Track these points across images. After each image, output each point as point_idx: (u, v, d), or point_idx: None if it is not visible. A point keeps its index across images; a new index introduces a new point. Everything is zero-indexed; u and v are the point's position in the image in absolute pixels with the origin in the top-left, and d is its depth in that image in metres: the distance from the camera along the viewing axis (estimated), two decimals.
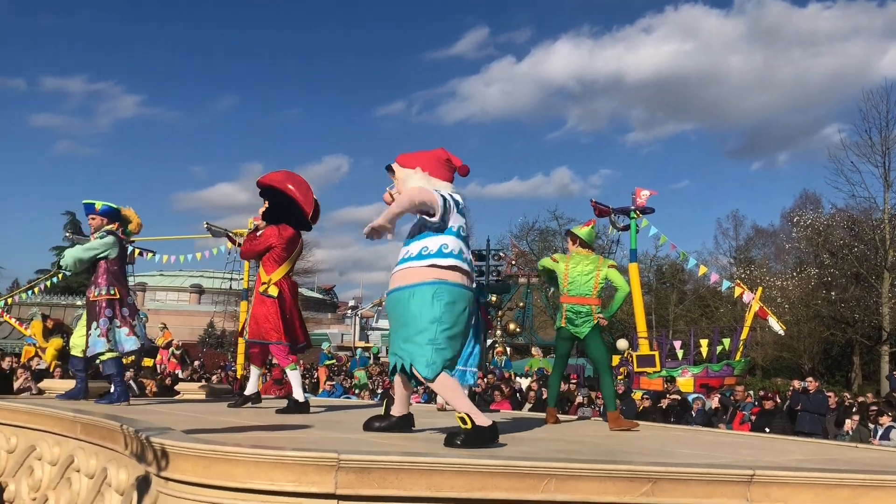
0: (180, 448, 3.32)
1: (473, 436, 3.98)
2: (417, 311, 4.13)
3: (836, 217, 35.61)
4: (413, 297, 4.15)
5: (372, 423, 4.67)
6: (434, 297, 4.12)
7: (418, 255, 4.26)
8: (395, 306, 4.28)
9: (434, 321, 4.10)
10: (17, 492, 5.30)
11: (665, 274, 45.28)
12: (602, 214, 19.15)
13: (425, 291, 4.14)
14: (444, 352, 4.14)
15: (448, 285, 4.18)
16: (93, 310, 6.63)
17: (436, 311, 4.11)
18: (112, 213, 6.91)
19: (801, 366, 35.21)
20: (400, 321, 4.23)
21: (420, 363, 4.10)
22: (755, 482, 3.45)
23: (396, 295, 4.26)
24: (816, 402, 12.20)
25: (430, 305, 4.11)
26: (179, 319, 50.09)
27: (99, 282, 6.66)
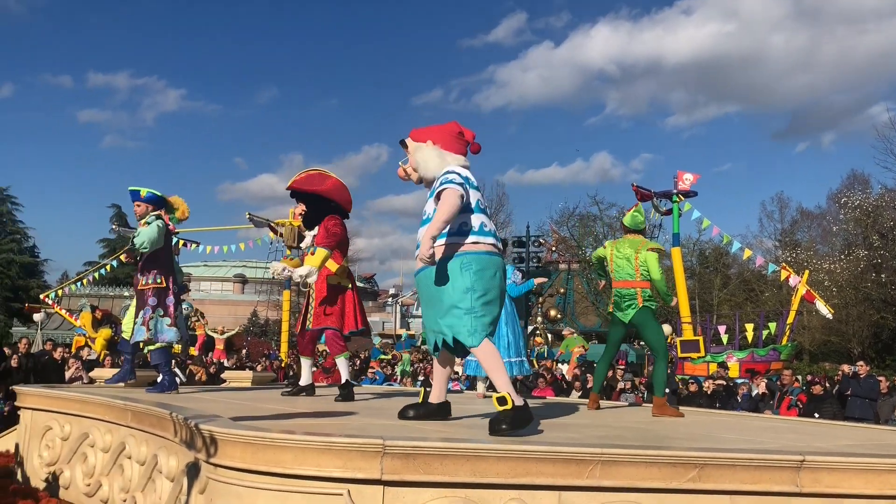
0: (228, 435, 3.37)
1: (516, 416, 3.92)
2: (450, 283, 4.13)
3: (885, 197, 34.74)
4: (441, 272, 4.15)
5: (407, 412, 4.62)
6: (462, 268, 4.12)
7: (443, 235, 4.21)
8: (426, 284, 4.26)
9: (467, 290, 4.10)
10: (72, 478, 5.44)
11: (708, 258, 44.63)
12: (644, 199, 18.95)
13: (453, 264, 4.14)
14: (484, 318, 4.14)
15: (473, 254, 4.17)
16: (140, 298, 6.75)
17: (466, 281, 4.11)
18: (157, 200, 6.92)
19: (850, 350, 34.50)
20: (434, 298, 4.22)
21: (462, 333, 4.09)
22: (805, 468, 3.39)
23: (425, 273, 4.25)
24: (867, 387, 11.93)
25: (459, 276, 4.11)
26: (223, 309, 50.92)
27: (147, 270, 6.76)
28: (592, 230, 43.49)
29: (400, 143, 4.61)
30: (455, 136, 4.51)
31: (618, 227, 42.08)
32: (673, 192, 18.84)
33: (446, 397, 4.73)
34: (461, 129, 4.55)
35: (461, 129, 4.55)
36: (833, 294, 31.89)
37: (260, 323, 46.04)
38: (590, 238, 43.46)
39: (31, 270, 52.18)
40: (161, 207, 6.97)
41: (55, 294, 32.53)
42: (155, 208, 6.91)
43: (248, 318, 47.71)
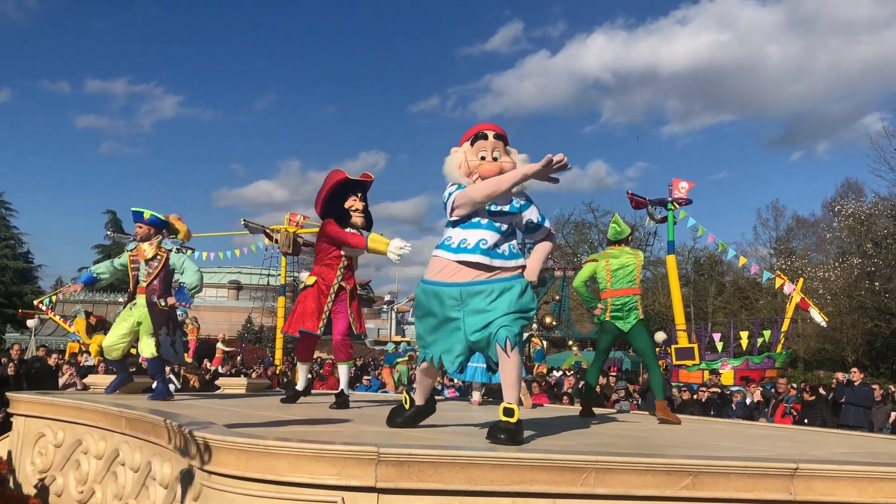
0: (223, 442, 3.36)
1: (517, 431, 3.89)
2: (522, 295, 4.05)
3: (879, 206, 34.87)
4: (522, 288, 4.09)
5: (395, 419, 4.60)
6: (530, 289, 4.15)
7: (511, 254, 4.18)
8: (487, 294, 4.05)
9: (528, 310, 4.09)
10: (65, 485, 5.41)
11: (703, 265, 44.71)
12: (639, 206, 19.03)
13: (523, 283, 4.11)
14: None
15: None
16: (163, 316, 6.85)
17: (530, 300, 4.10)
18: (159, 223, 7.09)
19: (845, 358, 34.55)
20: (495, 307, 4.03)
21: (519, 342, 4.00)
22: (798, 476, 3.40)
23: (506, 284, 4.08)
24: (861, 395, 11.96)
25: (530, 295, 4.12)
26: (218, 315, 50.74)
27: (160, 292, 6.90)
28: (587, 237, 43.58)
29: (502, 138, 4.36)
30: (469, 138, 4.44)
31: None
32: (668, 199, 18.90)
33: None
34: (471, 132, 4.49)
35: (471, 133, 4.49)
36: (827, 302, 31.96)
37: (255, 329, 45.91)
38: (585, 245, 43.54)
39: (25, 276, 51.96)
40: (162, 230, 7.11)
41: (49, 300, 32.44)
42: (157, 231, 7.07)
43: (242, 324, 47.59)
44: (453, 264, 4.09)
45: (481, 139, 4.26)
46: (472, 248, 4.07)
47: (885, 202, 34.33)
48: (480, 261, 4.06)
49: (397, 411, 4.66)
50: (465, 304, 4.06)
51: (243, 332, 45.97)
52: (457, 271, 4.08)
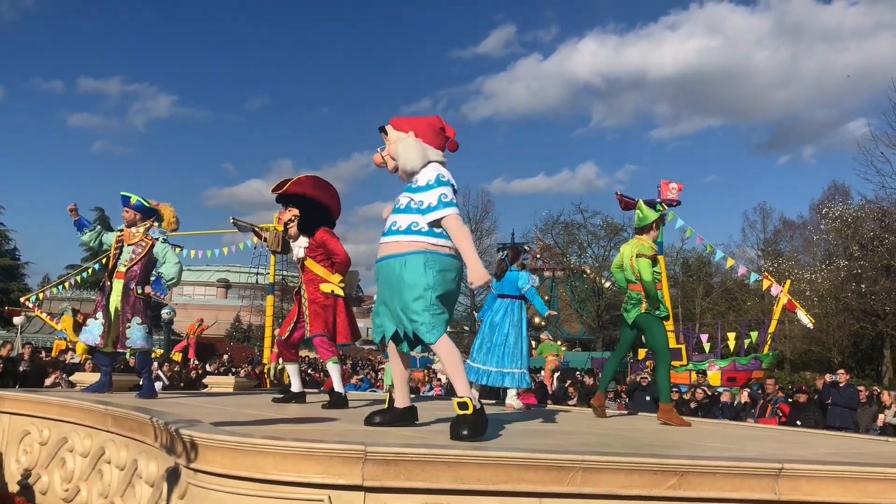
0: (209, 440, 3.35)
1: (477, 422, 3.94)
2: (411, 278, 4.15)
3: (865, 208, 35.12)
4: (405, 266, 4.18)
5: (373, 418, 4.53)
6: (426, 266, 4.16)
7: (407, 229, 4.25)
8: (388, 275, 4.27)
9: (428, 288, 4.14)
10: (50, 483, 5.38)
11: (692, 267, 44.93)
12: (627, 207, 19.06)
13: (417, 260, 4.17)
14: (442, 315, 4.18)
15: (436, 255, 4.20)
16: (137, 304, 6.80)
17: (429, 279, 4.14)
18: (145, 210, 7.04)
19: (831, 359, 34.81)
20: (395, 290, 4.23)
21: (422, 329, 4.13)
22: (783, 476, 3.42)
23: (386, 263, 4.27)
24: (847, 396, 12.05)
25: (423, 274, 4.14)
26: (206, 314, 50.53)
27: (144, 280, 6.88)
28: (577, 238, 43.65)
29: (379, 130, 4.56)
30: (437, 130, 4.49)
31: (602, 236, 42.32)
32: (657, 200, 18.95)
33: (411, 402, 4.67)
34: (443, 124, 4.54)
35: (443, 125, 4.54)
36: (814, 304, 32.16)
37: (243, 328, 45.82)
38: (574, 246, 43.63)
39: (12, 273, 51.63)
40: (149, 217, 7.04)
41: (36, 297, 32.29)
42: (143, 217, 6.99)
43: (231, 322, 47.48)
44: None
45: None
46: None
47: (872, 205, 34.59)
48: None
49: (379, 412, 4.62)
50: None
51: (232, 331, 45.88)
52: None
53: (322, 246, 6.68)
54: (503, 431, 4.90)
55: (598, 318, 40.96)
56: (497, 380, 7.50)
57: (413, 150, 4.35)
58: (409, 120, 4.52)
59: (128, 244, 6.93)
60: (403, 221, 4.29)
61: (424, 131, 4.44)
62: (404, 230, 4.26)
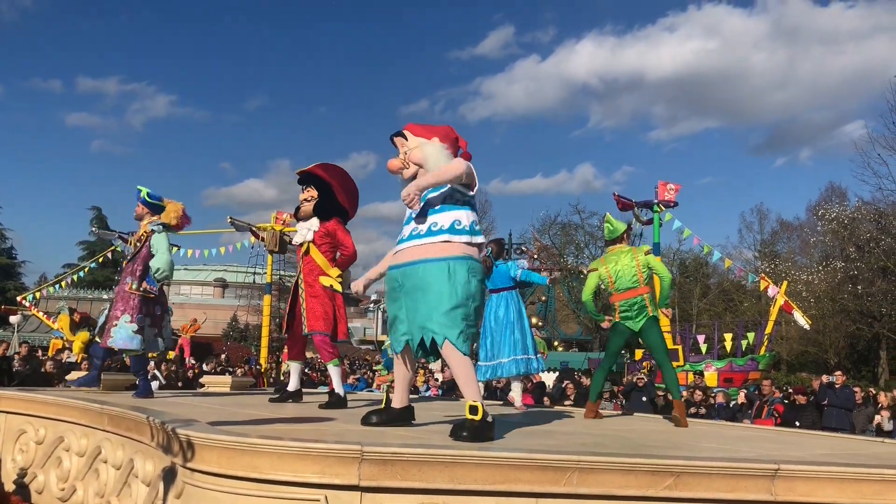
0: (206, 440, 3.35)
1: (481, 429, 3.92)
2: (454, 286, 4.02)
3: (862, 210, 35.18)
4: (451, 271, 4.04)
5: (370, 418, 4.46)
6: (470, 273, 4.07)
7: (451, 228, 4.14)
8: (425, 277, 4.09)
9: (470, 297, 4.05)
10: (46, 482, 5.37)
11: (689, 268, 44.97)
12: (625, 208, 19.07)
13: (462, 266, 4.06)
14: (473, 329, 4.11)
15: (477, 263, 4.14)
16: (128, 301, 6.71)
17: (472, 288, 4.06)
18: (152, 206, 6.98)
19: (827, 360, 34.85)
20: (426, 293, 4.07)
21: (459, 339, 4.00)
22: (779, 476, 3.42)
23: (429, 266, 4.09)
24: (843, 397, 12.07)
25: (467, 281, 4.04)
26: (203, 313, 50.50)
27: (139, 275, 6.77)
28: (574, 239, 43.68)
29: (396, 135, 4.50)
30: (453, 140, 4.50)
31: (599, 237, 42.33)
32: (654, 201, 18.97)
33: (409, 402, 4.64)
34: (457, 135, 4.56)
35: (457, 136, 4.56)
36: (811, 305, 32.22)
37: (240, 328, 45.74)
38: (571, 247, 43.66)
39: (9, 272, 51.57)
40: (157, 213, 7.02)
41: (33, 296, 32.24)
42: (151, 213, 6.97)
43: (227, 322, 47.39)
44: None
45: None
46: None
47: (869, 206, 34.64)
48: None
49: (376, 411, 4.59)
50: None
51: (228, 331, 45.80)
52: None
53: (332, 235, 6.52)
54: (499, 431, 4.90)
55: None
56: (512, 369, 7.46)
57: (443, 156, 4.31)
58: (428, 127, 4.50)
59: (135, 240, 6.92)
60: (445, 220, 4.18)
61: (445, 139, 4.43)
62: (447, 229, 4.13)
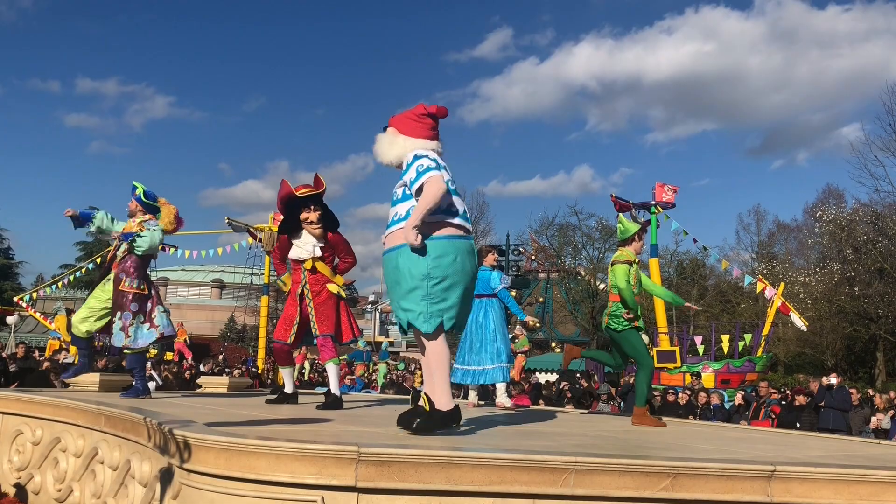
0: (203, 440, 3.35)
1: (429, 419, 4.10)
2: (406, 269, 4.18)
3: (859, 212, 35.23)
4: (400, 256, 4.20)
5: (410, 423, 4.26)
6: (420, 253, 4.16)
7: (406, 215, 4.26)
8: (387, 266, 4.35)
9: (424, 277, 4.15)
10: (43, 483, 5.37)
11: (686, 269, 44.99)
12: (623, 209, 19.10)
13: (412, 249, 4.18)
14: (441, 304, 4.17)
15: (432, 240, 4.18)
16: (120, 300, 6.72)
17: (423, 267, 4.15)
18: (145, 204, 6.98)
19: (824, 362, 34.88)
20: (395, 280, 4.28)
21: (419, 320, 4.15)
22: (776, 478, 3.43)
23: (387, 256, 4.34)
24: (840, 399, 12.08)
25: (417, 261, 4.15)
26: (200, 314, 50.51)
27: (131, 273, 6.77)
28: (571, 240, 43.68)
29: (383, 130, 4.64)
30: (417, 117, 4.49)
31: (596, 238, 42.39)
32: (651, 203, 18.99)
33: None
34: (424, 109, 4.52)
35: (424, 111, 4.51)
36: (808, 306, 32.23)
37: (237, 329, 45.73)
38: (569, 248, 43.65)
39: (6, 272, 51.49)
40: (151, 212, 7.01)
41: (30, 297, 32.16)
42: (145, 211, 6.96)
43: (225, 323, 47.39)
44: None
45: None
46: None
47: (866, 208, 34.71)
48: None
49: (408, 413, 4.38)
50: None
51: (226, 331, 45.79)
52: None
53: (335, 247, 6.65)
54: (496, 432, 4.90)
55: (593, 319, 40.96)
56: (494, 376, 7.52)
57: (384, 144, 4.49)
58: (395, 117, 4.60)
59: (125, 232, 6.90)
60: (402, 209, 4.32)
61: (403, 123, 4.50)
62: (403, 217, 4.27)
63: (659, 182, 19.27)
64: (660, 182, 19.28)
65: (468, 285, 4.32)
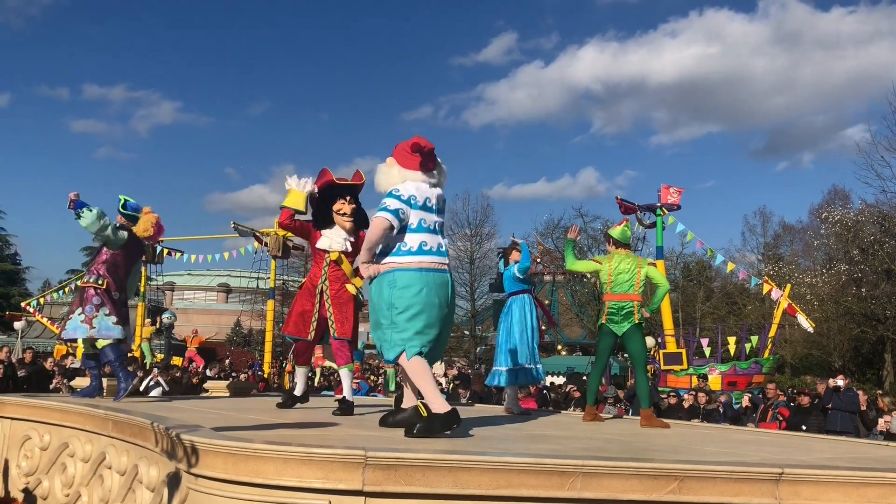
0: (210, 445, 3.36)
1: (427, 424, 4.21)
2: (376, 299, 4.49)
3: (865, 212, 35.08)
4: (371, 289, 4.56)
5: (386, 419, 4.80)
6: (387, 285, 4.41)
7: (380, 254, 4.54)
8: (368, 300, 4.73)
9: (389, 307, 4.39)
10: (51, 488, 5.38)
11: (692, 271, 44.88)
12: (628, 211, 19.05)
13: (381, 280, 4.46)
14: (404, 333, 4.35)
15: (399, 271, 4.41)
16: (81, 295, 6.70)
17: (388, 297, 4.40)
18: (128, 216, 7.03)
19: (831, 363, 34.74)
20: (371, 311, 4.58)
21: (385, 348, 4.43)
22: (784, 480, 3.42)
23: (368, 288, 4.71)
24: (847, 400, 12.02)
25: (385, 292, 4.42)
26: (207, 318, 50.54)
27: (93, 269, 6.78)
28: (577, 242, 43.62)
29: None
30: (409, 151, 4.59)
31: (602, 240, 42.28)
32: (657, 205, 18.95)
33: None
34: (416, 141, 4.57)
35: (415, 143, 4.56)
36: (814, 308, 32.08)
37: (243, 333, 45.76)
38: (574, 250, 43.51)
39: (13, 278, 51.61)
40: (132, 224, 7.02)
41: (37, 302, 32.27)
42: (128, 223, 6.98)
43: (231, 327, 47.43)
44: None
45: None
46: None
47: (872, 209, 34.54)
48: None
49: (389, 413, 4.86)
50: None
51: (232, 336, 45.82)
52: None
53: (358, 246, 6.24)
54: (503, 436, 4.90)
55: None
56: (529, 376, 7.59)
57: (382, 175, 4.63)
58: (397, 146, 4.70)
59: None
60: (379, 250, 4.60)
61: (399, 154, 4.63)
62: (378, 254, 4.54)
63: (664, 184, 19.23)
64: (665, 184, 19.23)
65: (436, 316, 4.46)
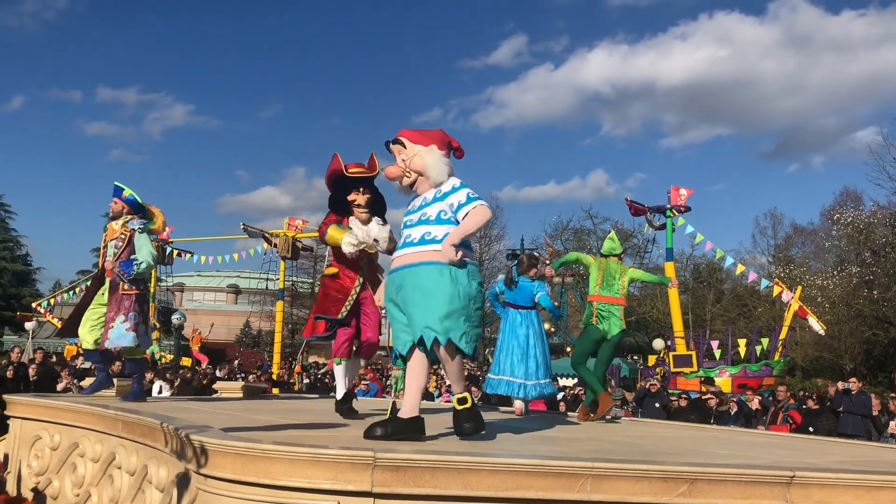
0: (219, 446, 3.36)
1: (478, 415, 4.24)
2: (457, 288, 4.11)
3: (877, 214, 34.88)
4: (450, 274, 4.13)
5: (374, 430, 4.03)
6: (470, 276, 4.20)
7: (444, 238, 4.20)
8: (416, 281, 4.18)
9: (471, 298, 4.18)
10: (61, 488, 5.40)
11: (702, 273, 44.74)
12: (638, 213, 19.06)
13: (460, 269, 4.17)
14: (478, 329, 4.24)
15: (474, 266, 4.30)
16: (122, 302, 6.61)
17: (472, 290, 4.19)
18: (136, 206, 6.88)
19: (843, 366, 34.55)
20: (427, 297, 4.12)
21: (463, 339, 4.10)
22: (795, 483, 3.40)
23: (430, 268, 4.16)
24: (859, 404, 11.96)
25: (467, 283, 4.17)
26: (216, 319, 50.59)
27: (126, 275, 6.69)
28: (586, 244, 43.54)
29: (391, 143, 4.49)
30: (447, 144, 4.55)
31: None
32: (667, 207, 18.92)
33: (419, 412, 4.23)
34: (449, 138, 4.60)
35: (450, 139, 4.60)
36: (826, 310, 31.93)
37: (253, 334, 45.89)
38: (583, 252, 43.52)
39: (24, 279, 51.89)
40: (138, 213, 6.91)
41: (47, 303, 32.42)
42: (131, 212, 6.87)
43: (240, 328, 47.57)
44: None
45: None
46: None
47: (884, 210, 34.34)
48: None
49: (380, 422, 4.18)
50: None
51: (241, 337, 45.94)
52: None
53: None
54: (512, 438, 4.89)
55: None
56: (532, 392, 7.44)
57: (443, 164, 4.41)
58: (424, 133, 4.53)
59: (110, 239, 6.82)
60: (438, 231, 4.26)
61: (441, 145, 4.49)
62: (439, 239, 4.21)
63: (674, 186, 19.20)
64: (675, 186, 19.20)
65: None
